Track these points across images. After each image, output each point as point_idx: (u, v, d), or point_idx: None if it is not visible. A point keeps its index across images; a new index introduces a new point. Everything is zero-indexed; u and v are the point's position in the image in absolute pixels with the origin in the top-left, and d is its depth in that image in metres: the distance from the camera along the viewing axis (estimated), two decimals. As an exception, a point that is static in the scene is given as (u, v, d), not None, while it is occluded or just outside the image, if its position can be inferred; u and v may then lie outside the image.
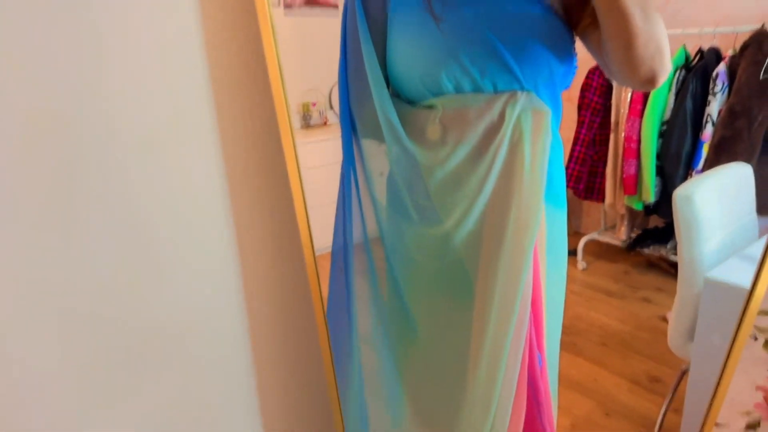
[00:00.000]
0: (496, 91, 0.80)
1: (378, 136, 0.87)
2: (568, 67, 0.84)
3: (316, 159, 1.57)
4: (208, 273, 0.94)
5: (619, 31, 0.72)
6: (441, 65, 0.79)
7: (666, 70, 0.76)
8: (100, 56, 0.77)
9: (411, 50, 0.80)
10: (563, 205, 0.93)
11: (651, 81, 0.77)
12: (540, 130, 0.79)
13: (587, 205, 2.17)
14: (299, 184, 0.90)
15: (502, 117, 0.78)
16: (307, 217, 0.90)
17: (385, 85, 0.83)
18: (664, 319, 1.82)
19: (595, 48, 0.83)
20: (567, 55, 0.83)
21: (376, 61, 0.82)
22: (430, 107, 0.82)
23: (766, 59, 1.55)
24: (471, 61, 0.78)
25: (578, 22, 0.81)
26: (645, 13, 0.71)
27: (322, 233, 0.98)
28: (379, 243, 0.95)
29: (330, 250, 0.98)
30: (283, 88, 0.95)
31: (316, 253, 0.95)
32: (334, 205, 0.97)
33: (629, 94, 1.84)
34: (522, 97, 0.78)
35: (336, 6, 2.10)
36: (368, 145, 0.91)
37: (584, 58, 0.90)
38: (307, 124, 2.00)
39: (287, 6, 2.15)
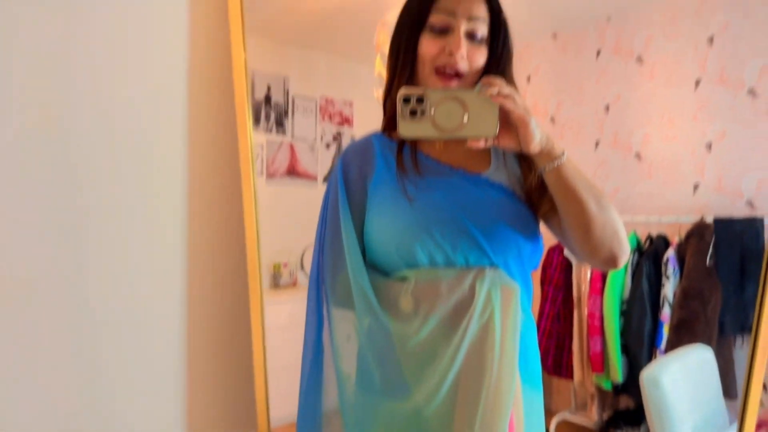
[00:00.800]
0: (468, 265, 0.83)
1: (349, 306, 0.87)
2: (535, 246, 0.89)
3: (282, 319, 1.54)
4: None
5: (577, 218, 0.79)
6: (415, 238, 0.83)
7: (625, 251, 0.82)
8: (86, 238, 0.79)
9: (388, 224, 0.85)
10: (539, 387, 0.90)
11: (612, 261, 0.82)
12: (509, 306, 0.81)
13: (557, 381, 2.13)
14: (261, 347, 0.87)
15: (472, 291, 0.80)
16: (266, 390, 0.85)
17: (361, 255, 0.86)
18: None
19: (557, 231, 0.89)
20: (533, 235, 0.88)
21: (353, 232, 0.86)
22: (404, 279, 0.84)
23: (708, 248, 1.67)
24: (442, 236, 0.83)
25: (539, 208, 0.88)
26: (598, 201, 0.79)
27: (283, 401, 0.92)
28: (340, 416, 0.89)
29: (292, 421, 0.91)
30: (258, 253, 0.97)
31: (277, 424, 0.89)
32: (296, 369, 0.93)
33: (588, 273, 1.93)
34: (490, 273, 0.82)
35: (315, 178, 2.24)
36: (337, 315, 0.90)
37: (544, 236, 0.97)
38: (276, 283, 2.00)
39: (270, 176, 2.29)
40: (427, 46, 0.83)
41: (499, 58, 0.87)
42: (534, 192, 0.88)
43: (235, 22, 1.04)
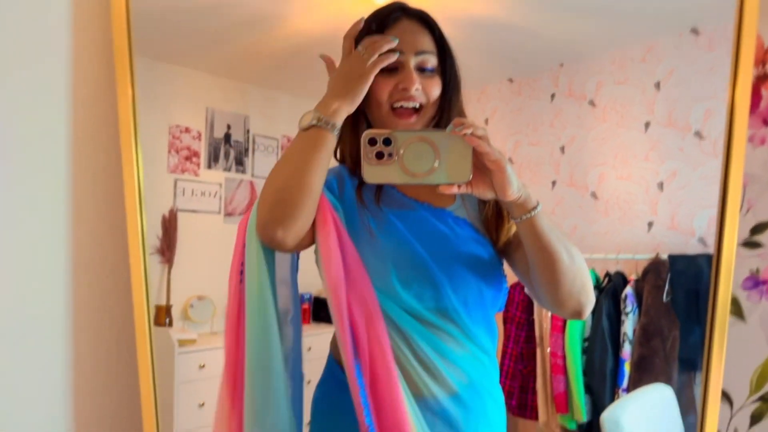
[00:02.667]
0: (421, 305, 0.79)
1: None
2: (498, 290, 0.85)
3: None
4: None
5: (548, 270, 0.74)
6: (373, 273, 0.77)
7: (591, 302, 0.79)
8: None
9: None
10: None
11: (578, 313, 0.79)
12: None
13: (522, 423, 2.09)
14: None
15: None
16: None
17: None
18: None
19: (521, 274, 0.85)
20: (496, 278, 0.84)
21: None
22: None
23: (665, 284, 1.70)
24: (398, 270, 0.78)
25: (496, 241, 0.85)
26: (570, 254, 0.75)
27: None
28: None
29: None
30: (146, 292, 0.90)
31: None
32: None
33: (549, 312, 1.92)
34: None
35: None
36: None
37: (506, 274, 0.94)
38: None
39: (228, 214, 2.25)
40: (380, 87, 0.81)
41: (454, 87, 0.85)
42: (490, 223, 0.85)
43: (121, 56, 0.96)
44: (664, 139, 1.89)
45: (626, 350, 1.73)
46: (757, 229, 1.12)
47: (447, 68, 0.84)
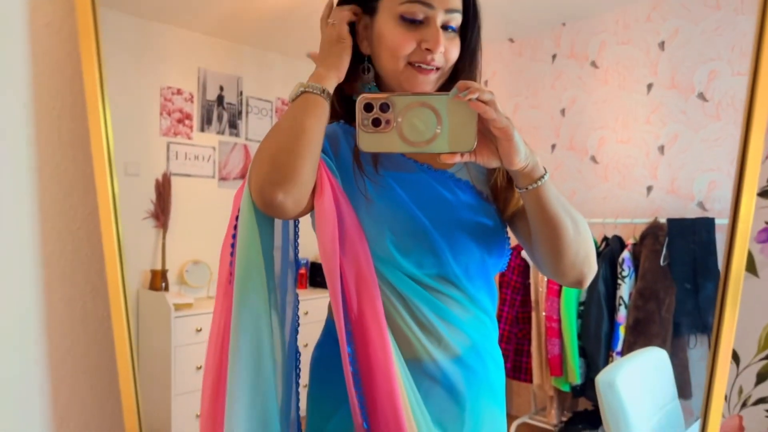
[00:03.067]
0: (422, 271, 0.76)
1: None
2: (501, 253, 0.81)
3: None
4: None
5: (553, 241, 0.71)
6: (371, 239, 0.73)
7: (593, 271, 0.76)
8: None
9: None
10: (503, 404, 0.85)
11: (580, 283, 0.76)
12: None
13: (516, 385, 2.12)
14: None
15: None
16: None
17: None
18: None
19: (523, 241, 0.81)
20: (499, 242, 0.80)
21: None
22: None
23: (662, 248, 1.70)
24: (397, 237, 0.74)
25: (505, 210, 0.81)
26: (575, 225, 0.71)
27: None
28: None
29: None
30: (121, 269, 0.84)
31: None
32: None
33: (547, 276, 1.93)
34: None
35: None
36: None
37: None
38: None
39: (223, 179, 2.22)
40: (401, 40, 0.73)
41: (472, 52, 0.78)
42: (500, 192, 0.80)
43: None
44: (667, 101, 1.85)
45: (621, 314, 1.74)
46: (776, 177, 0.91)
47: (473, 31, 0.78)
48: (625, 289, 1.75)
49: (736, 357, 1.01)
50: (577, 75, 2.07)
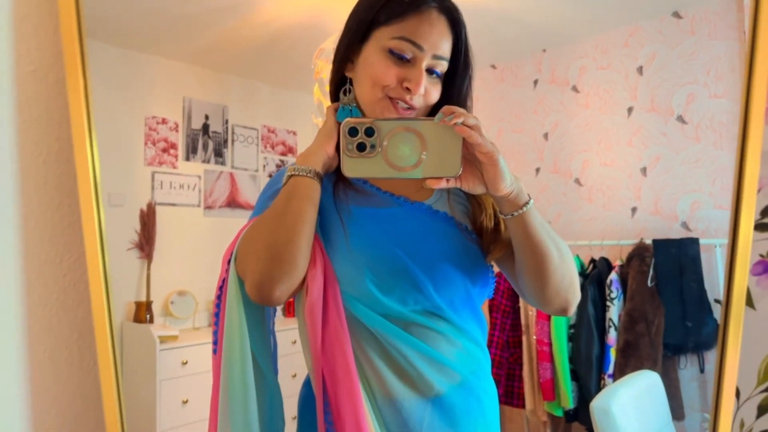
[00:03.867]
0: (405, 307, 0.75)
1: None
2: (485, 282, 0.80)
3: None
4: None
5: (537, 268, 0.71)
6: (348, 279, 0.72)
7: (577, 299, 0.76)
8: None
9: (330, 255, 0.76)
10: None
11: (564, 310, 0.76)
12: None
13: (509, 410, 2.09)
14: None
15: None
16: None
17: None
18: None
19: (509, 271, 0.80)
20: (482, 271, 0.79)
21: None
22: None
23: (649, 269, 1.71)
24: (377, 276, 0.71)
25: (492, 251, 0.79)
26: (559, 251, 0.71)
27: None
28: None
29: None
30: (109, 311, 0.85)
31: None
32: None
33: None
34: None
35: (255, 209, 2.15)
36: None
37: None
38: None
39: (208, 207, 2.20)
40: (385, 72, 0.73)
41: (463, 100, 0.80)
42: (487, 235, 0.79)
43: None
44: (647, 124, 1.89)
45: (612, 336, 1.74)
46: (768, 211, 1.01)
47: (463, 79, 0.79)
48: (614, 311, 1.75)
49: (736, 390, 1.00)
50: (558, 100, 2.11)
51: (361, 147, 0.65)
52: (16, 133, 0.82)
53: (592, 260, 1.89)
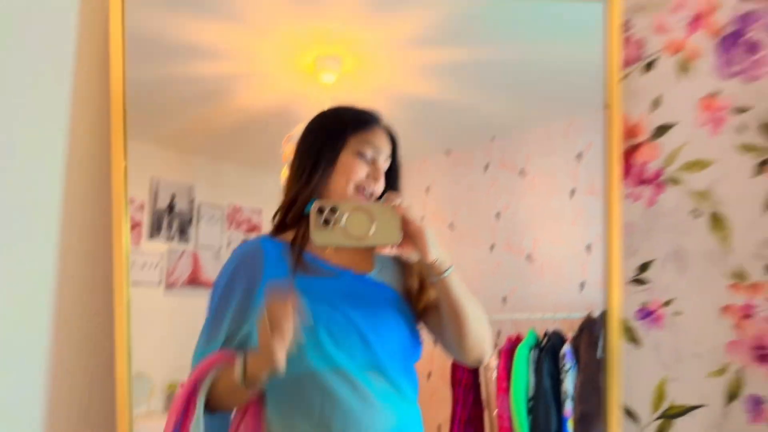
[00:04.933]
0: (352, 364, 0.89)
1: None
2: (417, 342, 1.01)
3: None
4: None
5: (457, 324, 0.92)
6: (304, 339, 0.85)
7: (489, 353, 0.99)
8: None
9: None
10: None
11: (480, 360, 0.99)
12: None
13: (473, 491, 2.06)
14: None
15: None
16: None
17: None
18: None
19: (433, 329, 1.03)
20: (414, 332, 1.01)
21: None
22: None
23: (598, 341, 1.79)
24: (330, 335, 0.89)
25: (417, 306, 1.02)
26: (475, 311, 0.93)
27: None
28: None
29: None
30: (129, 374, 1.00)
31: None
32: None
33: (494, 372, 1.97)
34: None
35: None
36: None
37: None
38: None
39: (170, 286, 2.18)
40: (357, 168, 0.99)
41: (398, 182, 1.08)
42: (413, 293, 1.02)
43: (117, 128, 1.19)
44: (588, 205, 2.05)
45: (568, 408, 1.78)
46: (642, 268, 1.44)
47: (396, 171, 1.08)
48: (569, 383, 1.81)
49: (635, 417, 1.34)
50: (508, 182, 2.28)
51: (326, 222, 0.87)
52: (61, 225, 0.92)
53: (546, 333, 1.97)
